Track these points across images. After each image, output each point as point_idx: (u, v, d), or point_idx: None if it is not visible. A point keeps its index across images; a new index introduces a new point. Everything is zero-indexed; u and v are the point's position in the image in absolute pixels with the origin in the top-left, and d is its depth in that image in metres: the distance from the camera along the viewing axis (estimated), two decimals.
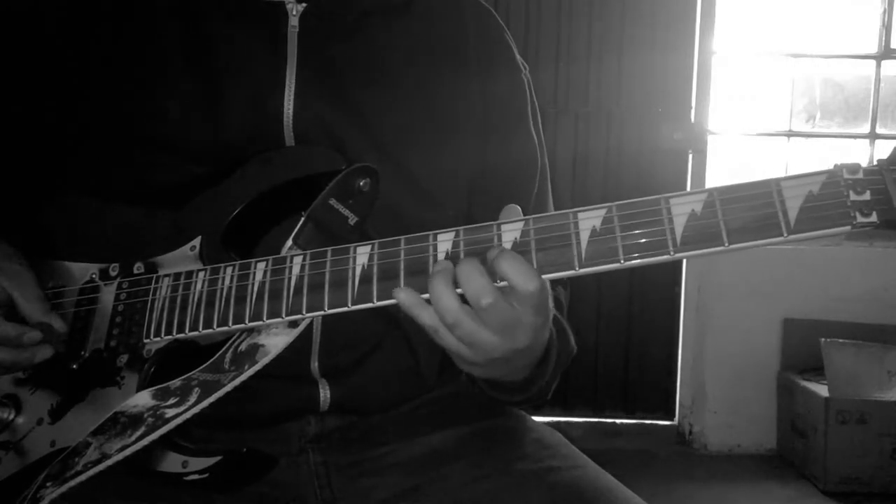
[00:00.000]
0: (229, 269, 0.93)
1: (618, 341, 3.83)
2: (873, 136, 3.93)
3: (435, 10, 1.18)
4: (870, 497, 3.26)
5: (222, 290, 0.93)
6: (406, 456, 1.10)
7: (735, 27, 3.90)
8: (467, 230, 0.84)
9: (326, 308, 0.87)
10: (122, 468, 0.89)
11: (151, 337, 0.96)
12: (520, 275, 0.79)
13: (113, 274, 1.01)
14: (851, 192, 0.73)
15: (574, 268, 0.79)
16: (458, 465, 1.07)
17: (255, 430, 1.07)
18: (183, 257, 0.98)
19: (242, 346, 0.93)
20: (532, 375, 1.00)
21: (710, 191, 0.77)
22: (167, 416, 0.89)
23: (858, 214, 0.72)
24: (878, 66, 3.90)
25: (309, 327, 1.04)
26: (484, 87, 1.17)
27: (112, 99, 1.07)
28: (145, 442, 0.88)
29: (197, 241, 0.98)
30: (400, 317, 1.11)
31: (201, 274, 0.95)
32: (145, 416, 0.90)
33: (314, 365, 1.07)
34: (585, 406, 3.86)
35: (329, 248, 0.89)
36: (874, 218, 0.72)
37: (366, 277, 0.86)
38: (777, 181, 0.75)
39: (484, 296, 0.80)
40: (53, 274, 1.04)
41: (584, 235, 0.79)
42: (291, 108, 1.07)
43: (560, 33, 3.71)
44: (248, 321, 0.90)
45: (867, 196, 0.72)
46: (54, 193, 1.08)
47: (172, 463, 0.92)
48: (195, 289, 0.94)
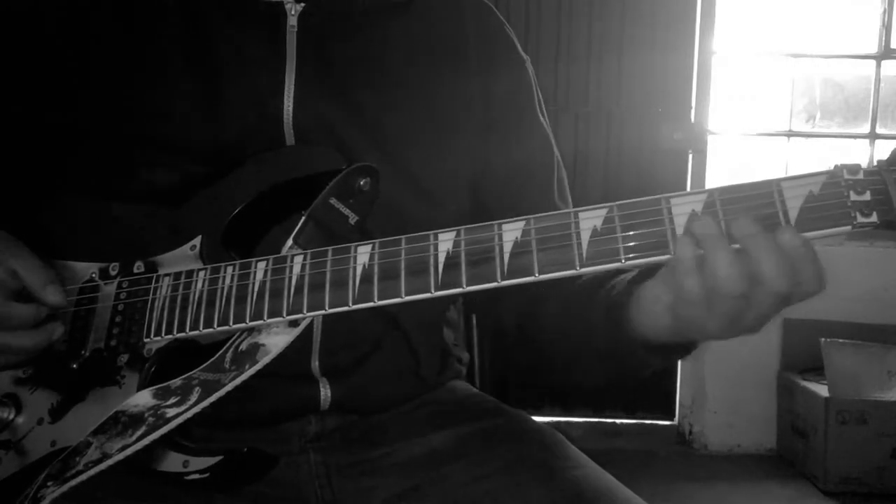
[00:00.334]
0: (230, 269, 0.93)
1: None
2: (873, 136, 3.93)
3: (434, 8, 1.18)
4: (870, 497, 3.26)
5: (223, 289, 0.93)
6: (406, 456, 1.10)
7: (735, 27, 3.90)
8: (468, 230, 0.84)
9: (327, 307, 0.87)
10: (122, 468, 0.89)
11: (152, 336, 0.95)
12: (813, 272, 0.80)
13: (113, 273, 1.01)
14: (852, 193, 0.73)
15: (575, 267, 0.79)
16: (458, 465, 1.07)
17: (255, 430, 1.07)
18: (183, 257, 0.98)
19: (243, 346, 0.93)
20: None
21: (711, 191, 0.77)
22: (168, 415, 0.89)
23: (859, 215, 0.73)
24: (878, 66, 3.90)
25: (309, 327, 1.04)
26: (485, 86, 1.17)
27: (112, 99, 1.07)
28: (146, 441, 0.88)
29: (197, 241, 0.98)
30: (400, 317, 1.11)
31: (202, 273, 0.95)
32: (146, 415, 0.90)
33: (315, 364, 1.07)
34: (585, 406, 3.86)
35: (330, 248, 0.89)
36: (874, 218, 0.72)
37: (366, 277, 0.86)
38: (777, 181, 0.75)
39: (780, 282, 0.79)
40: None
41: (585, 235, 0.79)
42: (291, 108, 1.07)
43: (560, 33, 3.72)
44: (248, 321, 0.90)
45: (867, 196, 0.73)
46: (54, 193, 1.08)
47: (173, 462, 0.92)
48: (195, 288, 0.94)
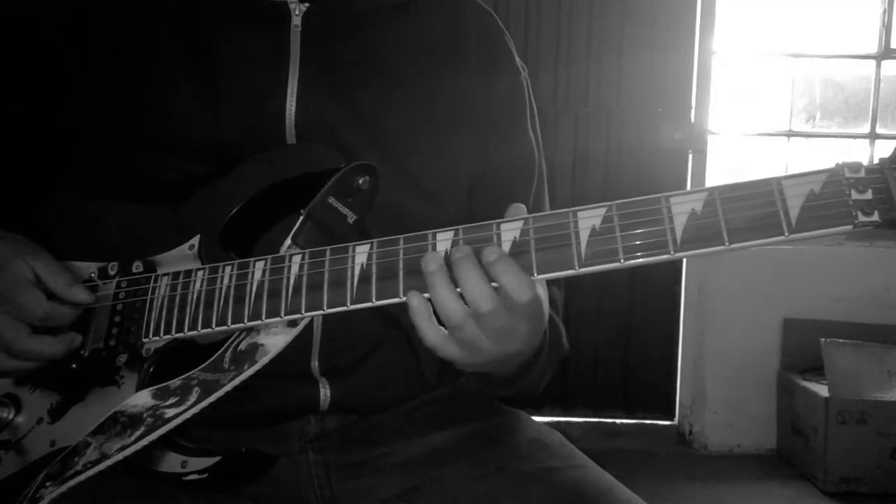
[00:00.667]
0: (228, 269, 0.93)
1: (618, 341, 3.83)
2: (873, 136, 3.93)
3: (435, 10, 1.19)
4: (870, 497, 3.26)
5: (221, 289, 0.92)
6: (406, 456, 1.10)
7: (735, 27, 3.90)
8: (466, 229, 0.83)
9: (325, 307, 0.87)
10: (121, 468, 0.89)
11: (150, 336, 0.95)
12: (514, 284, 0.79)
13: (112, 273, 1.01)
14: (853, 192, 0.72)
15: (574, 267, 0.79)
16: (457, 465, 1.07)
17: (254, 430, 1.06)
18: (182, 256, 0.98)
19: (242, 346, 0.92)
20: (520, 371, 1.01)
21: (711, 190, 0.77)
22: (167, 415, 0.89)
23: (860, 214, 0.72)
24: (878, 66, 3.90)
25: (309, 326, 1.04)
26: (484, 87, 1.17)
27: (112, 98, 1.07)
28: (145, 442, 0.88)
29: (196, 240, 0.98)
30: (400, 316, 1.11)
31: (200, 273, 0.95)
32: (145, 415, 0.90)
33: (314, 364, 1.07)
34: (585, 406, 3.86)
35: (328, 248, 0.89)
36: (876, 217, 0.72)
37: (365, 277, 0.85)
38: (778, 180, 0.75)
39: (484, 302, 0.80)
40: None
41: (584, 235, 0.79)
42: (293, 108, 1.07)
43: (560, 33, 3.71)
44: (247, 320, 0.90)
45: (869, 195, 0.72)
46: (54, 193, 1.08)
47: (172, 463, 0.92)
48: (194, 288, 0.94)
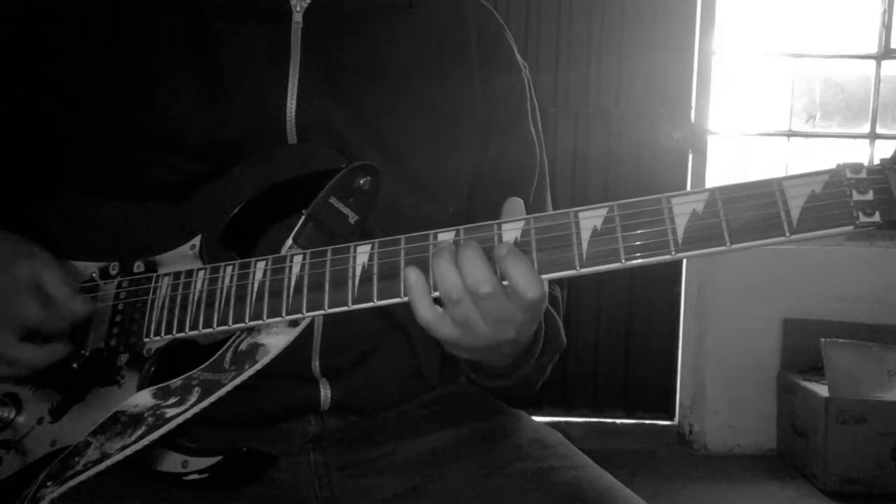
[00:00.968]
0: (229, 269, 0.93)
1: (618, 341, 3.83)
2: (873, 136, 3.93)
3: (436, 8, 1.19)
4: (870, 497, 3.26)
5: (222, 289, 0.92)
6: (406, 456, 1.10)
7: (735, 27, 3.90)
8: (467, 229, 0.83)
9: (327, 307, 0.87)
10: (122, 468, 0.89)
11: (151, 336, 0.95)
12: (524, 280, 0.79)
13: (113, 273, 1.01)
14: (854, 192, 0.72)
15: (575, 267, 0.79)
16: (458, 465, 1.07)
17: (255, 430, 1.06)
18: (183, 256, 0.98)
19: (243, 346, 0.92)
20: (516, 363, 1.01)
21: (712, 190, 0.77)
22: (167, 415, 0.89)
23: (861, 214, 0.72)
24: (878, 66, 3.90)
25: (310, 326, 1.04)
26: (485, 86, 1.17)
27: (113, 96, 1.07)
28: (146, 441, 0.88)
29: (197, 240, 0.98)
30: (401, 316, 1.11)
31: (201, 273, 0.95)
32: (146, 415, 0.90)
33: (315, 364, 1.07)
34: (585, 406, 3.86)
35: (329, 248, 0.89)
36: (877, 218, 0.72)
37: (366, 276, 0.85)
38: (779, 181, 0.75)
39: (484, 284, 0.80)
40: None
41: (585, 235, 0.79)
42: (294, 106, 1.07)
43: (560, 33, 3.71)
44: (248, 320, 0.90)
45: (870, 196, 0.72)
46: (54, 192, 1.08)
47: (172, 462, 0.92)
48: (195, 288, 0.94)
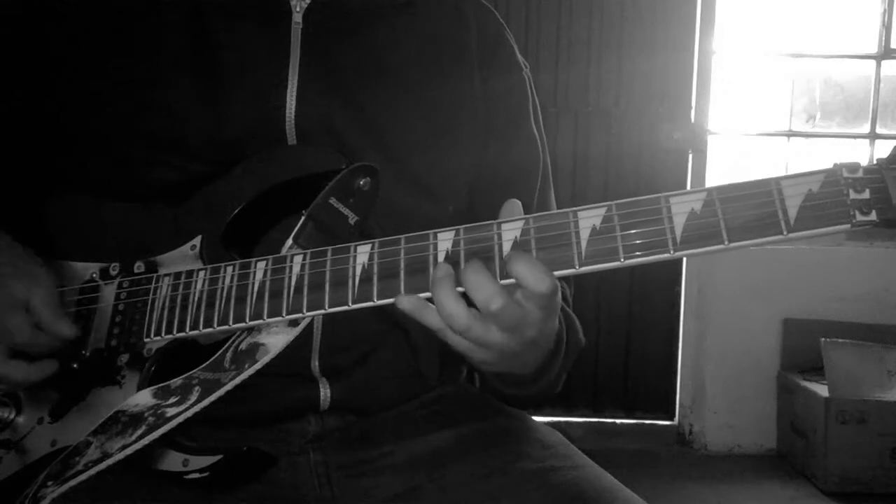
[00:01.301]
0: (230, 269, 0.93)
1: (618, 341, 3.83)
2: (873, 136, 3.93)
3: (436, 7, 1.19)
4: (870, 497, 3.26)
5: (223, 289, 0.93)
6: (406, 456, 1.10)
7: (735, 27, 3.90)
8: (467, 229, 0.83)
9: (327, 307, 0.87)
10: (122, 467, 0.89)
11: (152, 336, 0.96)
12: (533, 276, 0.79)
13: (113, 273, 1.01)
14: (851, 191, 0.73)
15: (574, 266, 0.79)
16: (458, 465, 1.07)
17: (255, 429, 1.07)
18: (183, 256, 0.98)
19: (243, 345, 0.93)
20: (542, 366, 1.00)
21: (710, 190, 0.77)
22: (168, 415, 0.89)
23: (858, 213, 0.72)
24: (878, 66, 3.90)
25: (309, 326, 1.04)
26: (486, 86, 1.17)
27: (113, 96, 1.07)
28: (146, 441, 0.88)
29: (197, 241, 0.98)
30: (401, 316, 1.11)
31: (202, 273, 0.95)
32: (146, 415, 0.90)
33: (315, 364, 1.07)
34: (585, 406, 3.86)
35: (329, 248, 0.89)
36: (873, 216, 0.72)
37: (366, 276, 0.85)
38: (777, 180, 0.75)
39: (493, 301, 0.79)
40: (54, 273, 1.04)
41: (585, 234, 0.79)
42: (294, 106, 1.07)
43: (560, 33, 3.71)
44: (248, 320, 0.90)
45: (867, 195, 0.72)
46: (54, 192, 1.08)
47: (173, 462, 0.92)
48: (195, 288, 0.94)
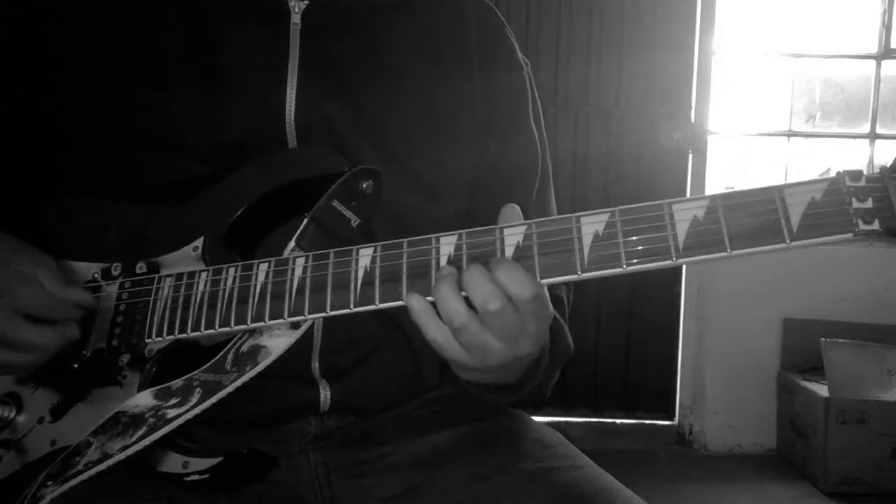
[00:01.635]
0: (231, 270, 0.93)
1: (618, 341, 3.83)
2: (873, 136, 3.93)
3: (436, 6, 1.18)
4: (870, 497, 3.26)
5: (224, 290, 0.93)
6: (406, 456, 1.10)
7: (735, 27, 3.90)
8: (470, 234, 0.84)
9: (329, 310, 0.87)
10: (122, 468, 0.89)
11: (153, 337, 0.96)
12: (516, 282, 0.79)
13: (115, 273, 1.01)
14: (854, 200, 0.73)
15: (576, 272, 0.79)
16: (458, 465, 1.07)
17: (255, 431, 1.07)
18: (185, 257, 0.98)
19: (244, 347, 0.93)
20: (524, 377, 1.00)
21: (713, 197, 0.77)
22: (168, 416, 0.89)
23: (860, 222, 0.72)
24: (878, 66, 3.90)
25: (310, 328, 1.04)
26: (486, 85, 1.17)
27: (113, 96, 1.07)
28: (147, 442, 0.88)
29: (199, 242, 0.98)
30: (401, 318, 1.11)
31: (203, 274, 0.95)
32: (146, 416, 0.90)
33: (315, 365, 1.07)
34: (585, 406, 3.86)
35: (331, 250, 0.89)
36: (876, 226, 0.72)
37: (368, 280, 0.85)
38: (779, 188, 0.75)
39: (491, 301, 0.80)
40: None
41: (587, 240, 0.79)
42: (293, 106, 1.07)
43: (560, 33, 3.72)
44: (250, 322, 0.90)
45: (869, 204, 0.72)
46: (56, 192, 1.08)
47: (173, 463, 0.92)
48: (197, 289, 0.94)
